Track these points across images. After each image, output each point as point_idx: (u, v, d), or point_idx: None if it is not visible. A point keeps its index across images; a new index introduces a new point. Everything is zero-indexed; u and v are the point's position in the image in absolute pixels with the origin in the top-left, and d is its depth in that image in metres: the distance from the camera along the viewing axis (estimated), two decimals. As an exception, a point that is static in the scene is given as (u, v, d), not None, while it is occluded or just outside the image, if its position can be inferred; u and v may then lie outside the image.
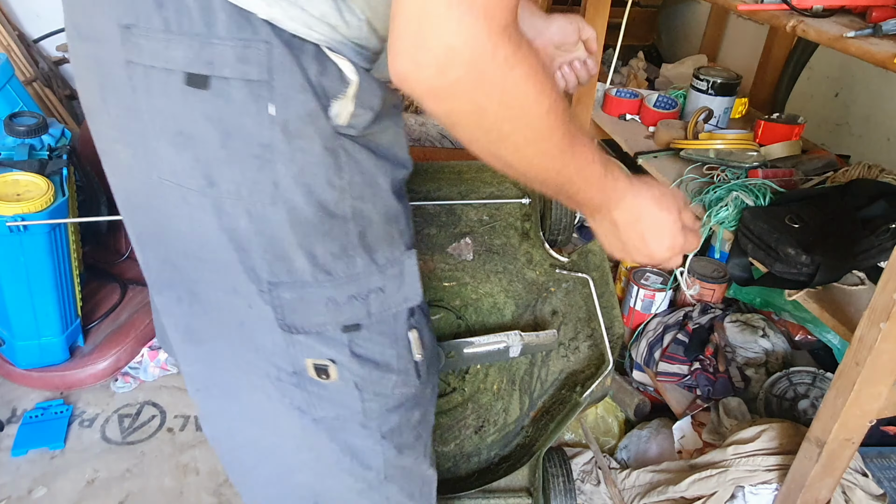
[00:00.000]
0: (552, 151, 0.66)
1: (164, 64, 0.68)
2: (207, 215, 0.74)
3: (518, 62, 0.58)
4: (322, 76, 0.70)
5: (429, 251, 1.36)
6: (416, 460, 0.99)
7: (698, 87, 1.76)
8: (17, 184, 1.57)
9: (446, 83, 0.57)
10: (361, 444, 0.91)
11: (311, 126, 0.70)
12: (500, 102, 0.59)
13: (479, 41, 0.55)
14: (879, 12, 1.06)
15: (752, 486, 1.31)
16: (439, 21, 0.54)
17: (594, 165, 0.71)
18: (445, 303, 1.37)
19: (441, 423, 1.39)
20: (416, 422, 0.97)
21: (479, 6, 0.54)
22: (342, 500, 0.98)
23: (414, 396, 0.94)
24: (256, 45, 0.67)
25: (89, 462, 1.62)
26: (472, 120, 0.62)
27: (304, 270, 0.76)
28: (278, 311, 0.78)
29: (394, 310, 0.84)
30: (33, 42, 2.60)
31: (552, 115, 0.62)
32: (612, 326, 1.35)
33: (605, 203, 0.76)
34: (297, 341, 0.81)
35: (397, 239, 0.82)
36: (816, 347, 1.62)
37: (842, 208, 1.28)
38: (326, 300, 0.78)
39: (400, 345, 0.87)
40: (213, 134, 0.70)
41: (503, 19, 0.56)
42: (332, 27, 0.70)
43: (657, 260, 0.81)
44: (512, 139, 0.63)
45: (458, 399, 1.41)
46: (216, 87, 0.68)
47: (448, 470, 1.38)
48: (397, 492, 0.98)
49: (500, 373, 1.41)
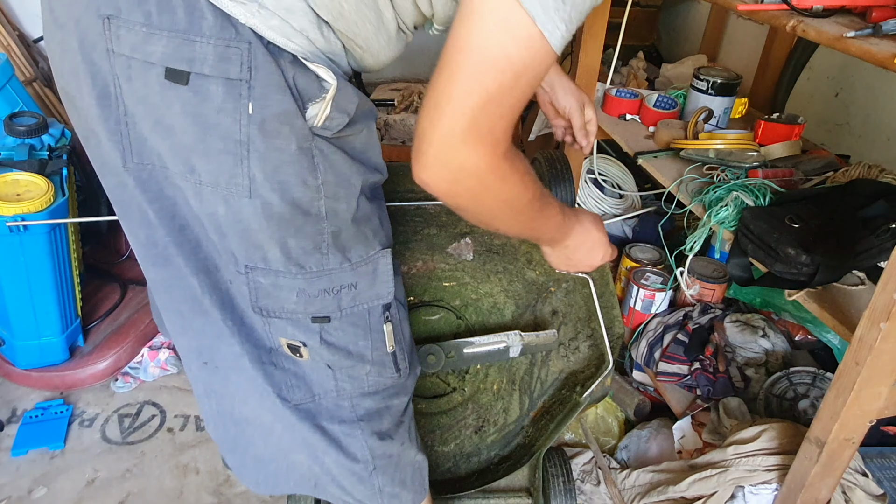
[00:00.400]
0: (530, 219, 0.85)
1: (143, 57, 0.70)
2: (190, 198, 0.78)
3: (511, 173, 0.74)
4: (300, 79, 0.72)
5: (429, 251, 1.36)
6: (403, 446, 1.01)
7: (698, 87, 1.76)
8: (17, 184, 1.57)
9: (459, 189, 0.73)
10: (339, 430, 0.93)
11: (287, 126, 0.73)
12: (496, 199, 0.76)
13: (486, 163, 0.71)
14: (879, 12, 1.06)
15: (752, 486, 1.31)
16: (457, 150, 0.69)
17: (557, 216, 0.91)
18: (445, 303, 1.37)
19: (441, 423, 1.39)
20: (396, 410, 0.99)
21: (487, 140, 0.69)
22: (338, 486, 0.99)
23: (393, 386, 0.96)
24: (238, 45, 0.69)
25: (89, 462, 1.62)
26: (474, 209, 0.78)
27: (277, 261, 0.80)
28: (253, 294, 0.83)
29: (366, 305, 0.87)
30: (33, 42, 2.60)
31: (532, 200, 0.81)
32: (612, 326, 1.35)
33: (563, 237, 0.98)
34: (271, 322, 0.86)
35: (371, 238, 0.85)
36: (816, 347, 1.62)
37: (842, 208, 1.28)
38: (298, 291, 0.83)
39: (374, 337, 0.91)
40: (192, 128, 0.72)
41: (503, 145, 0.71)
42: (310, 41, 0.73)
43: (594, 267, 1.08)
44: (501, 217, 0.81)
45: (458, 399, 1.40)
46: (195, 83, 0.70)
47: (448, 470, 1.38)
48: (388, 482, 1.00)
49: (500, 373, 1.41)
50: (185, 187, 0.77)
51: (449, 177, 0.71)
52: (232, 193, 0.75)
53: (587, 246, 1.03)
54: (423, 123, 0.70)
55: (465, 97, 0.66)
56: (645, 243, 1.92)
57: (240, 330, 0.86)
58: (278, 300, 0.83)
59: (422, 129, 0.70)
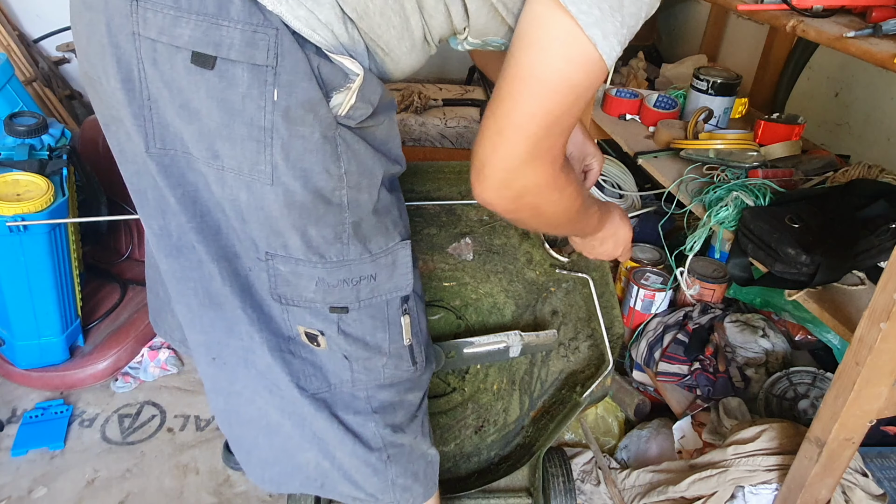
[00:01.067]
0: (578, 220, 0.94)
1: (170, 40, 0.70)
2: (212, 184, 0.78)
3: (567, 184, 0.81)
4: (324, 68, 0.72)
5: (429, 251, 1.36)
6: (416, 439, 1.01)
7: (698, 87, 1.76)
8: (17, 184, 1.57)
9: (521, 206, 0.79)
10: (354, 421, 0.93)
11: (312, 114, 0.73)
12: (555, 209, 0.83)
13: (546, 180, 0.77)
14: (879, 12, 1.06)
15: (752, 486, 1.31)
16: (520, 171, 0.74)
17: (596, 214, 0.99)
18: (445, 303, 1.37)
19: (441, 423, 1.39)
20: (410, 404, 0.99)
21: (547, 158, 0.74)
22: (349, 481, 0.99)
23: (409, 380, 0.96)
24: (265, 31, 0.69)
25: (89, 462, 1.62)
26: (534, 221, 0.88)
27: (298, 249, 0.81)
28: (272, 281, 0.83)
29: (385, 297, 0.87)
30: (33, 42, 2.60)
31: (582, 203, 0.89)
32: (612, 326, 1.35)
33: (596, 231, 1.06)
34: (289, 310, 0.86)
35: (391, 229, 0.85)
36: (816, 347, 1.62)
37: (842, 208, 1.28)
38: (317, 280, 0.83)
39: (392, 329, 0.91)
40: (216, 113, 0.72)
41: (560, 160, 0.77)
42: (335, 35, 0.73)
43: (613, 257, 1.17)
44: (557, 223, 0.92)
45: (458, 399, 1.41)
46: (221, 68, 0.70)
47: (448, 470, 1.38)
48: (401, 474, 0.99)
49: (500, 373, 1.41)
50: (207, 173, 0.77)
51: (512, 196, 0.77)
52: (254, 180, 0.75)
53: (616, 238, 1.11)
54: (484, 149, 0.73)
55: (529, 122, 0.70)
56: (645, 243, 1.92)
57: (259, 318, 0.86)
58: (297, 288, 0.83)
59: (483, 155, 0.74)
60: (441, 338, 1.32)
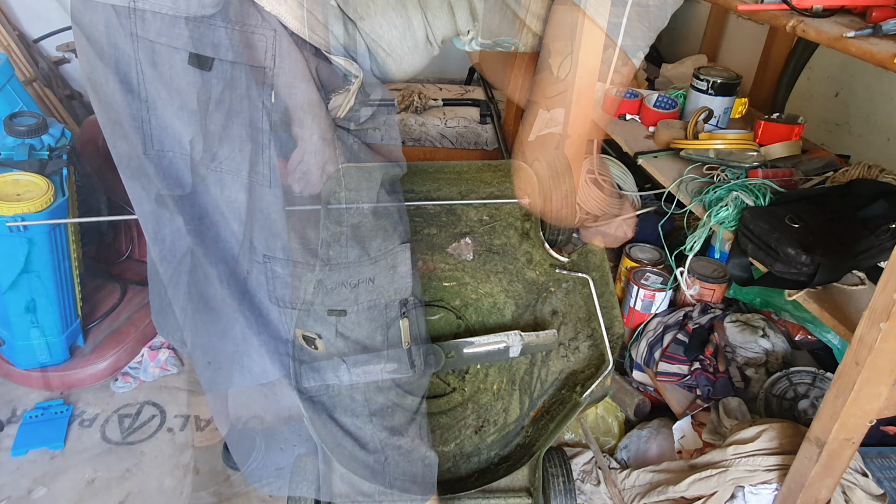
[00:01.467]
0: None
1: (168, 41, 0.70)
2: (210, 186, 0.78)
3: None
4: (322, 70, 0.72)
5: (429, 251, 1.36)
6: (414, 441, 1.01)
7: (698, 87, 1.76)
8: (17, 184, 1.57)
9: None
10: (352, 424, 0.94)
11: (310, 116, 0.72)
12: None
13: None
14: (879, 12, 1.06)
15: (752, 486, 1.31)
16: None
17: None
18: (445, 303, 1.37)
19: (441, 423, 1.39)
20: (408, 407, 0.99)
21: None
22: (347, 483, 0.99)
23: (407, 383, 0.96)
24: (263, 33, 0.69)
25: (89, 462, 1.62)
26: None
27: (296, 251, 0.81)
28: (270, 284, 0.84)
29: (384, 300, 0.87)
30: (33, 42, 2.60)
31: None
32: (612, 326, 1.35)
33: None
34: (287, 312, 0.86)
35: (391, 232, 0.85)
36: (816, 347, 1.62)
37: (842, 208, 1.28)
38: (315, 283, 0.81)
39: (391, 333, 0.90)
40: (215, 115, 0.72)
41: None
42: (334, 36, 0.73)
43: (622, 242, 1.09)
44: None
45: (458, 399, 1.40)
46: (219, 69, 0.70)
47: (448, 470, 1.38)
48: (399, 476, 0.99)
49: (500, 373, 1.41)
50: (206, 175, 0.77)
51: None
52: (253, 182, 0.75)
53: None
54: None
55: None
56: (645, 243, 1.92)
57: (257, 320, 0.86)
58: (295, 291, 0.83)
59: None
60: (441, 338, 1.32)
